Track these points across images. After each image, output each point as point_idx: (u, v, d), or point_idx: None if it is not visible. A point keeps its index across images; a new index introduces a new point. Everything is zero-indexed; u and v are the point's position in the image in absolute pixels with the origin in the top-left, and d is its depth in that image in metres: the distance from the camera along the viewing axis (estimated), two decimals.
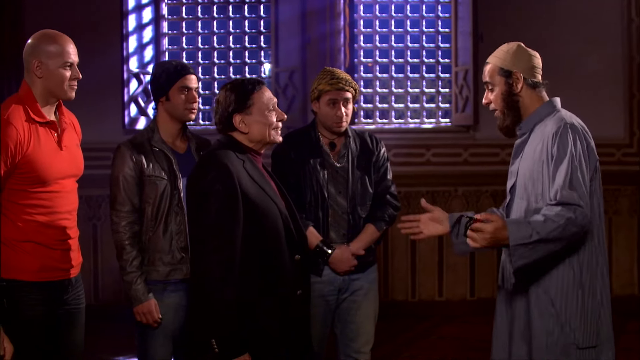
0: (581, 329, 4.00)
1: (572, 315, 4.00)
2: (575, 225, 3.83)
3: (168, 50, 9.60)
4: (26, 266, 4.34)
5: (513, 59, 4.19)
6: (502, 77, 4.19)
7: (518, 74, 4.16)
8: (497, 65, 4.21)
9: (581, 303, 4.01)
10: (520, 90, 4.18)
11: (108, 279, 8.95)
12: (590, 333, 4.01)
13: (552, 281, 4.02)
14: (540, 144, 4.07)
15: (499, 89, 4.20)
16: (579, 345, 4.00)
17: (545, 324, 4.03)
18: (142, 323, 4.79)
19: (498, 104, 4.22)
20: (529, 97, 4.19)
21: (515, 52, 4.21)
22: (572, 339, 4.00)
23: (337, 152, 5.20)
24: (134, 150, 4.80)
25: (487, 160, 8.78)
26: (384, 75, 9.55)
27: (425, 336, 8.39)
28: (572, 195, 3.86)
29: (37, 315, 4.35)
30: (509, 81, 4.17)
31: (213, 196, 3.97)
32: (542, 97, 4.23)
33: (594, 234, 4.03)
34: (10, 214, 4.33)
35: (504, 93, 4.19)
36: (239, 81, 4.24)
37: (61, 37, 4.43)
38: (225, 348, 3.92)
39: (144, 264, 4.81)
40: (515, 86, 4.17)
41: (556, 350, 4.02)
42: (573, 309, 4.00)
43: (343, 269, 5.14)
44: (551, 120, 4.11)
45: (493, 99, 4.23)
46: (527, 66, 4.20)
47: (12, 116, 4.28)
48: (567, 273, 4.01)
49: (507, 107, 4.20)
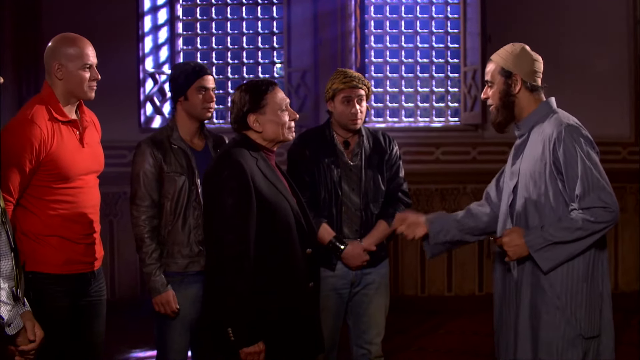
0: (586, 319, 4.11)
1: (578, 307, 4.11)
2: (596, 224, 4.00)
3: (183, 50, 9.63)
4: (51, 259, 4.46)
5: (515, 60, 4.27)
6: (502, 77, 4.28)
7: (517, 77, 4.25)
8: (499, 65, 4.29)
9: (586, 295, 4.12)
10: (518, 92, 4.27)
11: (125, 274, 9.11)
12: (594, 323, 4.13)
13: (557, 276, 4.11)
14: (541, 145, 4.17)
15: (497, 87, 4.30)
16: (585, 335, 4.11)
17: (552, 318, 4.12)
18: (160, 313, 4.88)
19: (494, 100, 4.32)
20: (525, 99, 4.28)
21: (519, 54, 4.28)
22: (578, 330, 4.11)
23: (351, 151, 5.28)
24: (154, 147, 4.90)
25: (495, 159, 8.65)
26: (394, 75, 9.59)
27: (434, 330, 8.40)
28: (592, 199, 4.01)
29: (61, 307, 4.48)
30: (508, 81, 4.26)
31: (228, 192, 4.07)
32: (539, 99, 4.32)
33: None
34: (35, 210, 4.46)
35: (501, 92, 4.28)
36: (253, 82, 4.33)
37: (80, 40, 4.56)
38: (240, 336, 4.03)
39: (163, 257, 4.90)
40: (514, 87, 4.26)
41: (564, 343, 4.12)
42: (579, 301, 4.11)
43: (355, 264, 5.22)
44: (549, 121, 4.20)
45: (491, 95, 4.33)
46: (528, 70, 4.28)
47: (35, 116, 4.42)
48: (572, 268, 4.11)
49: (502, 106, 4.29)
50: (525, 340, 4.22)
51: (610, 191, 4.03)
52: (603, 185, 4.02)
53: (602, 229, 4.03)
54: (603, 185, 4.02)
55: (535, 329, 4.19)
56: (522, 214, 4.24)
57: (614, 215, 4.02)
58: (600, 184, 4.02)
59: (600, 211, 4.00)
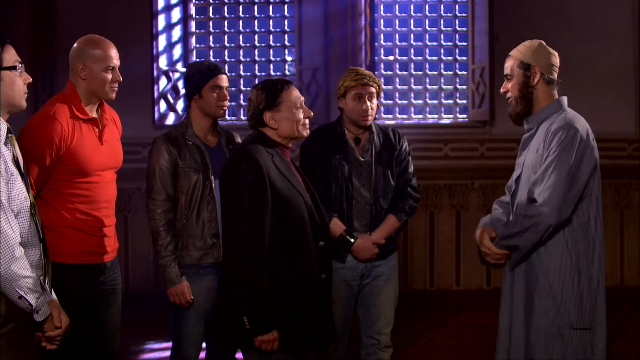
0: (576, 310, 4.25)
1: (568, 297, 4.25)
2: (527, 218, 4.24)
3: (196, 48, 9.72)
4: (68, 249, 4.59)
5: (534, 54, 4.42)
6: (521, 70, 4.42)
7: (536, 68, 4.40)
8: (518, 59, 4.44)
9: (577, 287, 4.26)
10: (536, 84, 4.41)
11: (138, 268, 9.16)
12: (586, 316, 4.26)
13: (551, 265, 4.28)
14: (543, 139, 4.32)
15: (516, 79, 4.44)
16: (573, 325, 4.25)
17: (543, 304, 4.28)
18: (175, 304, 4.98)
19: (514, 92, 4.46)
20: (542, 92, 4.42)
21: (537, 48, 4.44)
22: (567, 320, 4.25)
23: (361, 147, 5.35)
24: (169, 143, 5.00)
25: (502, 155, 8.83)
26: (403, 72, 9.66)
27: (443, 323, 8.43)
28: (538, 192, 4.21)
29: (77, 294, 4.61)
30: (527, 73, 4.41)
31: (244, 186, 4.18)
32: (553, 94, 4.45)
33: (591, 225, 4.30)
34: (54, 202, 4.60)
35: (520, 83, 4.43)
36: (270, 81, 4.43)
37: (104, 42, 4.69)
38: (255, 325, 4.14)
39: (178, 249, 4.98)
40: (532, 79, 4.40)
41: (552, 329, 4.27)
42: (569, 291, 4.26)
43: (365, 256, 5.30)
44: (557, 118, 4.34)
45: (510, 87, 4.47)
46: (546, 63, 4.42)
47: (57, 112, 4.56)
48: (565, 258, 4.27)
49: (521, 97, 4.43)
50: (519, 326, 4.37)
51: (561, 194, 4.18)
52: (554, 184, 4.19)
53: (529, 226, 4.24)
54: (554, 184, 4.19)
55: (528, 313, 4.34)
56: (521, 204, 4.39)
57: (541, 211, 4.20)
58: (554, 183, 4.20)
59: (530, 206, 4.25)
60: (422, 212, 9.17)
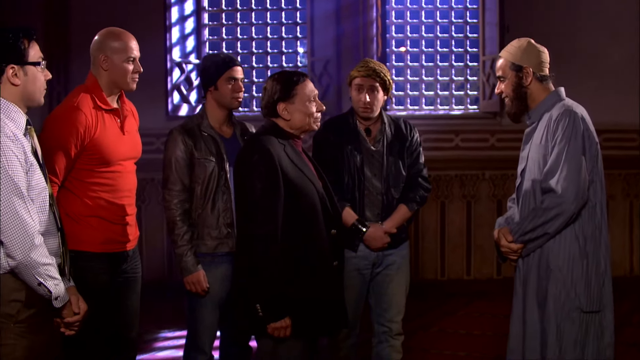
0: (586, 294, 4.34)
1: (578, 281, 4.35)
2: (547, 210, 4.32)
3: (209, 40, 9.78)
4: (91, 238, 4.67)
5: (524, 54, 4.50)
6: (513, 71, 4.51)
7: (528, 69, 4.48)
8: (509, 60, 4.53)
9: (586, 270, 4.35)
10: (529, 84, 4.51)
11: (152, 258, 9.09)
12: (595, 299, 4.36)
13: (560, 251, 4.37)
14: (545, 130, 4.41)
15: (509, 81, 4.53)
16: (583, 309, 4.35)
17: (554, 289, 4.38)
18: (191, 292, 5.05)
19: (508, 93, 4.55)
20: (536, 89, 4.52)
21: (526, 48, 4.52)
22: (577, 303, 4.35)
23: (373, 137, 5.38)
24: (185, 134, 5.05)
25: (512, 145, 8.30)
26: (414, 64, 9.71)
27: (453, 312, 8.49)
28: (551, 182, 4.30)
29: (100, 282, 4.69)
30: (519, 75, 4.50)
31: (257, 176, 4.23)
32: (548, 88, 4.55)
33: (597, 210, 4.40)
34: (78, 192, 4.67)
35: (514, 84, 4.52)
36: (286, 73, 4.48)
37: (125, 34, 4.78)
38: (268, 312, 4.21)
39: (194, 238, 5.04)
40: (525, 79, 4.49)
41: (562, 314, 4.36)
42: (578, 275, 4.35)
43: (376, 245, 5.34)
44: (555, 109, 4.43)
45: (504, 88, 4.56)
46: (536, 61, 4.50)
47: (81, 103, 4.64)
48: (573, 244, 4.37)
49: (516, 97, 4.53)
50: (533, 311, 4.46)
51: (578, 181, 4.28)
52: (569, 173, 4.28)
53: (555, 216, 4.32)
54: (569, 173, 4.28)
55: (540, 298, 4.43)
56: (528, 195, 4.49)
57: (563, 201, 4.29)
58: (569, 172, 4.29)
59: (550, 197, 4.31)
60: (433, 202, 9.23)
